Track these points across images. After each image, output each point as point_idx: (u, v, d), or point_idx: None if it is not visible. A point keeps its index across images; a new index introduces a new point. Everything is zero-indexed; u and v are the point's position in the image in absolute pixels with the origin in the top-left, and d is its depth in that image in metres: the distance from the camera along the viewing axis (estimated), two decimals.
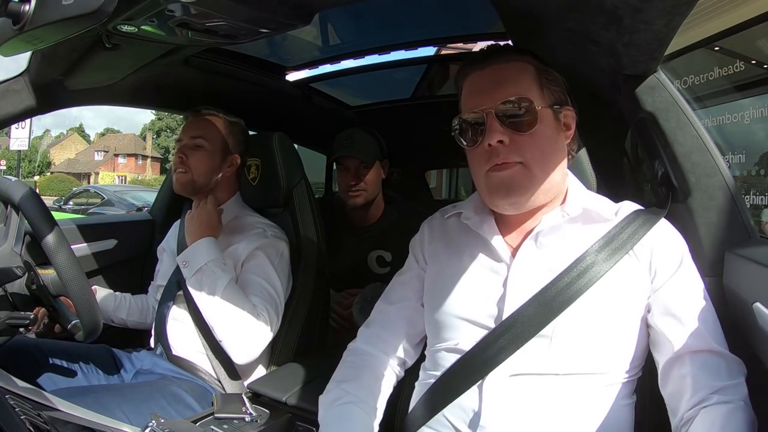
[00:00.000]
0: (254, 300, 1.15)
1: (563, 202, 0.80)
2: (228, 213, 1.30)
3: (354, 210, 1.72)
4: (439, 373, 0.79)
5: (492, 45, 0.83)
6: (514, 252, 0.79)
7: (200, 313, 1.17)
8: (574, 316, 0.71)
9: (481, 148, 0.75)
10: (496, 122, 0.74)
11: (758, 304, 0.64)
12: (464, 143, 0.79)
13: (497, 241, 0.80)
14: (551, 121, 0.77)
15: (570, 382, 0.71)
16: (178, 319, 1.22)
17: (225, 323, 1.10)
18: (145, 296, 1.45)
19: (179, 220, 1.40)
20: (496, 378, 0.72)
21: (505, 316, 0.74)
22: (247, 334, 1.11)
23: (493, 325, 0.75)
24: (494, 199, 0.77)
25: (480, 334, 0.75)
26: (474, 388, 0.73)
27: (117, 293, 1.40)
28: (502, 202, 0.77)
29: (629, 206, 0.79)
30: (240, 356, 1.12)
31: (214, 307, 1.10)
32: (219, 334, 1.11)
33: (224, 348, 1.12)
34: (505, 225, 0.82)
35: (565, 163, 0.80)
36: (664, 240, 0.75)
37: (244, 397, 0.99)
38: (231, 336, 1.11)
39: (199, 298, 1.12)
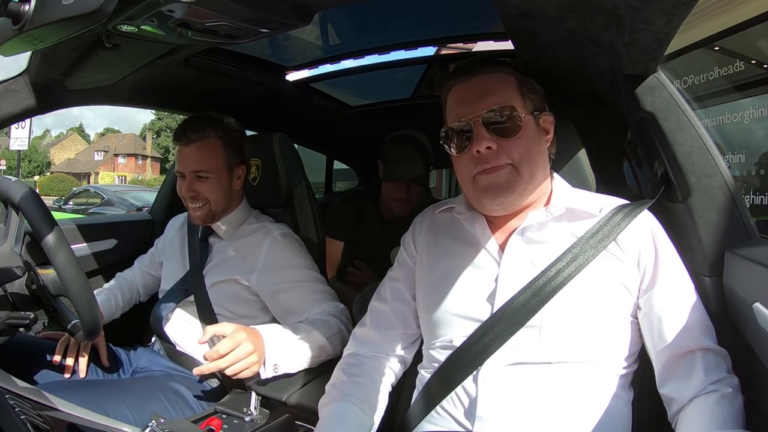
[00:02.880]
0: (320, 309, 1.15)
1: (547, 202, 0.83)
2: (237, 218, 1.29)
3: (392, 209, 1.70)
4: (434, 369, 0.81)
5: (474, 57, 0.84)
6: (503, 248, 0.81)
7: (211, 316, 1.18)
8: (562, 305, 0.74)
9: (469, 155, 0.78)
10: (483, 130, 0.77)
11: (758, 304, 0.64)
12: (452, 151, 0.82)
13: (488, 239, 0.83)
14: (533, 127, 0.81)
15: (562, 371, 0.73)
16: (185, 319, 1.23)
17: (322, 348, 1.08)
18: (128, 276, 1.44)
19: (181, 216, 1.40)
20: (490, 368, 0.75)
21: (495, 309, 0.76)
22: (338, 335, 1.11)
23: (485, 319, 0.77)
24: (482, 200, 0.80)
25: (473, 328, 0.77)
26: (470, 380, 0.76)
27: (109, 295, 1.36)
28: (490, 203, 0.79)
29: (614, 201, 0.82)
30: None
31: (315, 352, 1.07)
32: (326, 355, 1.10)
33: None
34: (493, 223, 0.85)
35: (547, 165, 0.84)
36: (650, 236, 0.77)
37: (253, 396, 0.98)
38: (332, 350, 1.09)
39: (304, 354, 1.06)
